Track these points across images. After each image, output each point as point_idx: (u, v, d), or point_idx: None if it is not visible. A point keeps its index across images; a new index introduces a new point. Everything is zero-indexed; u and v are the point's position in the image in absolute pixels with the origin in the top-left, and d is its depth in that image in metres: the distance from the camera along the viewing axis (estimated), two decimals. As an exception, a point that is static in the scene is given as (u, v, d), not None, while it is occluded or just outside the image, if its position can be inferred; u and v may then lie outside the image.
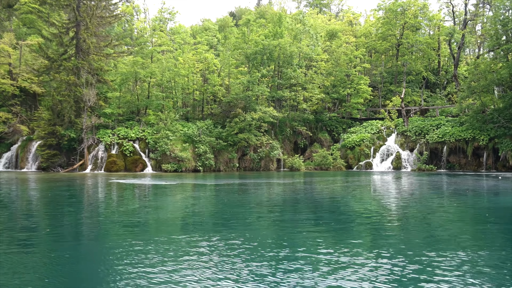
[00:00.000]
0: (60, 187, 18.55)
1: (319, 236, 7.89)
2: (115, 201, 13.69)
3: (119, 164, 33.09)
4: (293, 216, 10.30)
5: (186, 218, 10.15)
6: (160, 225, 9.14)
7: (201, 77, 38.70)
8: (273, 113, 35.71)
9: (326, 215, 10.64)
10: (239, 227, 8.80)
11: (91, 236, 7.99)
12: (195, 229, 8.59)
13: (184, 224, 9.36)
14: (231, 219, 9.92)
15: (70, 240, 7.62)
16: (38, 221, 9.64)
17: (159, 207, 11.84)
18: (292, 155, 40.04)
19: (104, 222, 9.43)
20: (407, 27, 46.16)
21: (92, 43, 33.65)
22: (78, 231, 8.50)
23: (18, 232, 8.19)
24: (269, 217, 10.17)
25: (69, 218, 9.92)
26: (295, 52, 38.33)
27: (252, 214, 10.66)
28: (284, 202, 13.30)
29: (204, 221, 9.59)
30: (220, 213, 11.00)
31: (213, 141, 34.67)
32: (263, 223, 9.41)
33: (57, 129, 33.15)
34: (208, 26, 58.72)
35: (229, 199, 14.08)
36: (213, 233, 7.93)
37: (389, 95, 47.63)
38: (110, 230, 8.48)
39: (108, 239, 7.66)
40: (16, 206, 12.21)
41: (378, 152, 37.92)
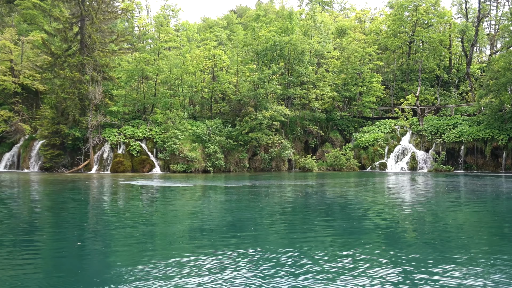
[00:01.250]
0: (69, 190, 17.28)
1: (337, 243, 7.45)
2: (133, 206, 12.45)
3: (126, 164, 31.82)
4: (314, 221, 9.09)
5: (205, 223, 8.93)
6: (189, 236, 7.91)
7: (209, 74, 37.39)
8: (284, 111, 34.45)
9: (345, 222, 9.42)
10: (262, 235, 7.59)
11: (116, 252, 6.76)
12: (213, 237, 7.37)
13: (198, 229, 8.14)
14: (256, 226, 8.71)
15: (107, 259, 6.39)
16: (60, 232, 8.42)
17: (184, 214, 10.59)
18: (302, 155, 38.84)
19: (128, 234, 8.20)
20: (419, 24, 44.98)
21: (97, 39, 32.34)
22: (108, 246, 7.26)
23: (44, 245, 6.98)
24: (290, 223, 8.97)
25: (94, 229, 8.68)
26: (306, 49, 37.09)
27: (272, 220, 9.45)
28: (304, 207, 12.07)
29: (232, 229, 8.37)
30: (245, 219, 9.78)
31: (223, 141, 33.41)
32: (282, 231, 8.20)
33: (61, 128, 31.85)
34: (216, 21, 57.37)
35: (255, 203, 12.86)
36: (233, 240, 6.74)
37: (400, 94, 46.48)
38: (137, 242, 7.26)
39: (137, 255, 6.43)
40: (29, 213, 10.96)
41: (393, 152, 36.72)
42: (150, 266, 5.65)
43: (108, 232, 8.21)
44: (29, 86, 37.03)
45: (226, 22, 65.81)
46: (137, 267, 5.65)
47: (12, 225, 8.89)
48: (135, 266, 5.68)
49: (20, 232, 8.19)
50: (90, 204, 12.80)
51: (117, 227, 8.69)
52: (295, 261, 5.98)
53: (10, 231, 8.24)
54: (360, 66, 41.75)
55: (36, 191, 16.96)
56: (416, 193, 16.60)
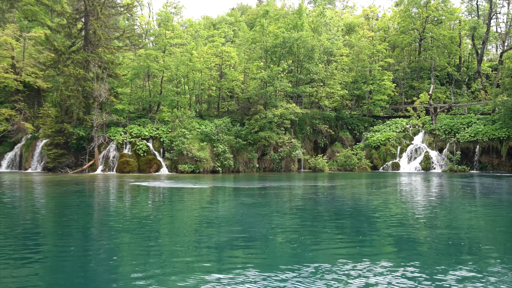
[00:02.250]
0: (76, 193, 16.27)
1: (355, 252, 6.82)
2: (151, 211, 11.44)
3: (132, 164, 30.80)
4: (334, 229, 8.12)
5: (241, 233, 7.96)
6: (220, 248, 6.93)
7: (217, 71, 36.36)
8: (295, 109, 33.45)
9: (365, 230, 8.44)
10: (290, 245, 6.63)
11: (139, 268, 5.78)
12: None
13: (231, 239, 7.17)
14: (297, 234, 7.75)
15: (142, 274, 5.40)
16: (69, 241, 7.42)
17: (210, 221, 9.59)
18: (312, 155, 37.88)
19: (151, 246, 7.21)
20: (430, 21, 44.02)
21: (103, 35, 31.29)
22: (130, 262, 6.27)
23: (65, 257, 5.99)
24: (314, 233, 8.01)
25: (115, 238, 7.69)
26: (316, 46, 36.09)
27: (303, 232, 8.48)
28: (323, 211, 11.09)
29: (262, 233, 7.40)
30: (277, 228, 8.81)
31: (231, 140, 32.42)
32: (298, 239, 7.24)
33: (65, 126, 30.78)
34: (223, 17, 56.26)
35: (285, 206, 11.89)
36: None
37: (410, 92, 45.55)
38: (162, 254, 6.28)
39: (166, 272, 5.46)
40: (34, 219, 9.95)
41: (405, 152, 35.77)
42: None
43: (129, 244, 7.23)
44: (31, 83, 35.95)
45: (234, 19, 64.70)
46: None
47: (15, 232, 7.91)
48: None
49: (23, 239, 7.21)
50: (102, 209, 11.78)
51: (138, 237, 7.71)
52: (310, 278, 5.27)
53: (13, 238, 7.27)
54: (370, 63, 40.77)
55: (40, 193, 15.94)
56: (436, 196, 15.64)
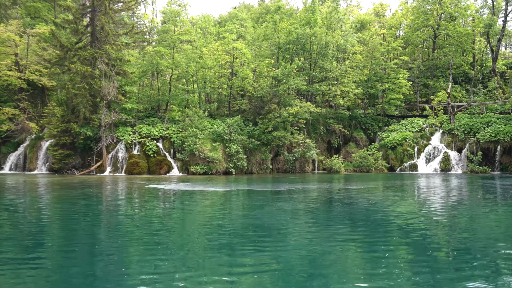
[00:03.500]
0: (87, 197, 15.02)
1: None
2: (180, 219, 10.19)
3: (142, 165, 29.55)
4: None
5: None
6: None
7: (228, 69, 35.11)
8: (310, 108, 32.22)
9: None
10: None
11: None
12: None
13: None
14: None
15: None
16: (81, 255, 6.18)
17: (262, 229, 8.34)
18: (326, 155, 36.67)
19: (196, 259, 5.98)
20: (445, 18, 42.85)
21: (111, 30, 30.04)
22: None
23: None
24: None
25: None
26: (331, 43, 34.87)
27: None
28: (360, 220, 9.86)
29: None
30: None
31: (244, 140, 31.18)
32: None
33: (72, 126, 29.49)
34: (234, 13, 54.93)
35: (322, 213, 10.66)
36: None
37: (424, 91, 44.39)
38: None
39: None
40: (41, 228, 8.70)
41: (423, 153, 34.56)
42: None
43: (167, 260, 5.98)
44: (35, 82, 34.68)
45: (235, 17, 63.39)
46: None
47: (19, 242, 6.69)
48: None
49: (27, 251, 5.99)
50: (125, 217, 10.52)
51: (173, 251, 6.47)
52: None
53: (16, 249, 6.04)
54: (384, 61, 39.57)
55: (49, 197, 14.66)
56: (470, 200, 14.42)
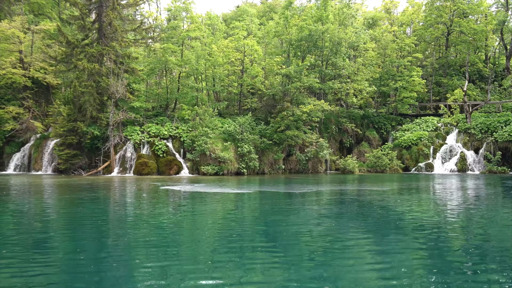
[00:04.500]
0: (104, 199, 14.06)
1: None
2: (209, 226, 9.23)
3: (151, 166, 28.59)
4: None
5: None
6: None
7: (239, 66, 34.13)
8: (324, 106, 31.26)
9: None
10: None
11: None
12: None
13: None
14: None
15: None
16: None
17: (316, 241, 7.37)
18: (338, 155, 35.72)
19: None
20: (457, 14, 41.88)
21: (119, 26, 29.10)
22: None
23: None
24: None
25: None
26: (344, 39, 33.92)
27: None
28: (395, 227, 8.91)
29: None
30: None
31: (256, 140, 30.24)
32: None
33: (78, 125, 28.55)
34: (244, 8, 53.89)
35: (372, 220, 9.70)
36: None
37: (436, 89, 43.44)
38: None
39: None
40: (50, 237, 7.73)
41: (439, 152, 33.59)
42: None
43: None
44: (40, 80, 33.72)
45: (240, 15, 62.38)
46: None
47: (26, 252, 5.75)
48: None
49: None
50: (146, 221, 9.55)
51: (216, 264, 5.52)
52: None
53: (24, 256, 5.10)
54: (397, 58, 38.61)
55: (58, 199, 13.68)
56: (497, 203, 13.46)
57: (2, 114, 31.70)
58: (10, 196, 14.86)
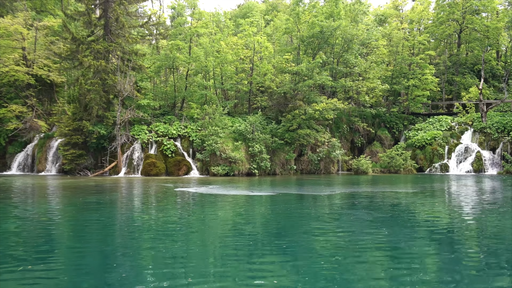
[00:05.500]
0: (116, 203, 13.13)
1: None
2: (242, 234, 8.33)
3: (159, 166, 27.65)
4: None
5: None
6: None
7: (249, 64, 33.17)
8: (337, 104, 30.34)
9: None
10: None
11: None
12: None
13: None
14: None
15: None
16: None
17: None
18: (349, 156, 34.80)
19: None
20: (470, 11, 40.98)
21: (126, 22, 28.14)
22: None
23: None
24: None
25: None
26: (357, 36, 32.99)
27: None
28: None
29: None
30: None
31: (268, 139, 29.32)
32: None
33: (84, 124, 27.59)
34: (253, 4, 52.80)
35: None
36: None
37: (448, 88, 42.54)
38: None
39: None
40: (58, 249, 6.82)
41: (454, 152, 32.69)
42: None
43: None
44: (44, 77, 32.74)
45: (245, 13, 61.33)
46: None
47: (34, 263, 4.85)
48: None
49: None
50: (173, 228, 8.63)
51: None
52: None
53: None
54: (409, 56, 37.68)
55: (69, 202, 12.74)
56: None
57: (5, 113, 30.76)
58: (13, 199, 13.91)
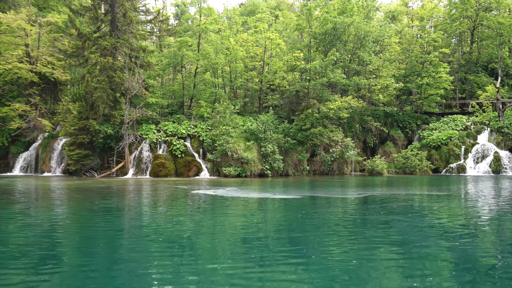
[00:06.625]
0: (130, 208, 12.13)
1: None
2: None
3: (169, 167, 26.65)
4: None
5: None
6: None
7: (260, 61, 32.17)
8: (351, 103, 29.37)
9: None
10: None
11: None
12: None
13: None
14: None
15: None
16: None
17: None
18: (362, 156, 33.82)
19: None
20: (483, 8, 40.03)
21: (134, 17, 27.15)
22: None
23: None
24: None
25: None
26: (371, 32, 32.02)
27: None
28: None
29: None
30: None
31: (280, 139, 28.34)
32: None
33: (91, 123, 26.58)
34: (258, 2, 51.78)
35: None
36: None
37: (461, 86, 41.57)
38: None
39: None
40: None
41: (471, 153, 31.72)
42: None
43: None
44: (48, 75, 31.73)
45: (250, 11, 60.29)
46: None
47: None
48: None
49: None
50: (220, 237, 7.64)
51: None
52: None
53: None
54: (422, 53, 36.71)
55: (81, 207, 11.75)
56: None
57: (7, 112, 29.76)
58: (17, 202, 12.90)
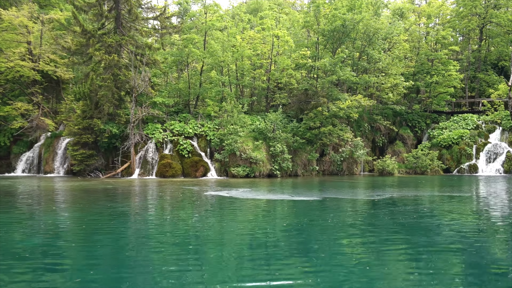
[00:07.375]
0: (157, 211, 11.46)
1: None
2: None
3: (175, 167, 25.96)
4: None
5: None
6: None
7: (268, 59, 31.51)
8: (362, 101, 28.72)
9: None
10: None
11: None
12: None
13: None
14: None
15: None
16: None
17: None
18: (371, 156, 33.17)
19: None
20: (492, 5, 39.40)
21: (140, 13, 26.47)
22: None
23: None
24: None
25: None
26: (381, 29, 31.37)
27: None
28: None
29: None
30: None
31: (289, 138, 27.68)
32: None
33: (95, 122, 25.89)
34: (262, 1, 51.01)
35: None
36: None
37: (471, 85, 40.94)
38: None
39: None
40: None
41: (483, 152, 31.09)
42: None
43: None
44: (50, 73, 31.04)
45: (253, 9, 59.57)
46: None
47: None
48: None
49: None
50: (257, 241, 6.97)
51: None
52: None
53: None
54: (432, 51, 36.05)
55: (92, 211, 11.08)
56: None
57: (9, 111, 29.05)
58: (21, 205, 12.22)
